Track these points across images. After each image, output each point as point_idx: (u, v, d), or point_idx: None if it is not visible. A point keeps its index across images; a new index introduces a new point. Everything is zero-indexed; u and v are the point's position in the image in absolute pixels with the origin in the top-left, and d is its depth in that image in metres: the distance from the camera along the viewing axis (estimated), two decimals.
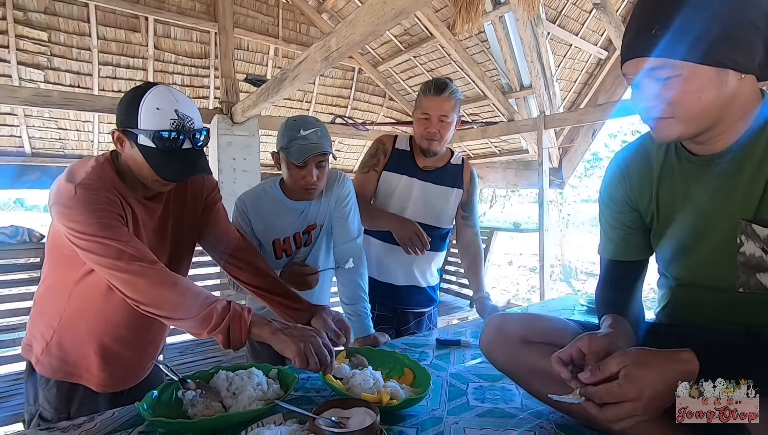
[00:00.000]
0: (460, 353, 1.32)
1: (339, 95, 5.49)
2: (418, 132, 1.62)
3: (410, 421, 0.91)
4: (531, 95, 4.50)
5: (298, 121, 1.34)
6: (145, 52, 3.85)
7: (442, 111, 1.56)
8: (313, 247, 1.50)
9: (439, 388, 1.06)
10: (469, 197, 1.76)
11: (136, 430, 0.88)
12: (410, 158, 1.70)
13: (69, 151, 4.23)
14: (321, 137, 1.32)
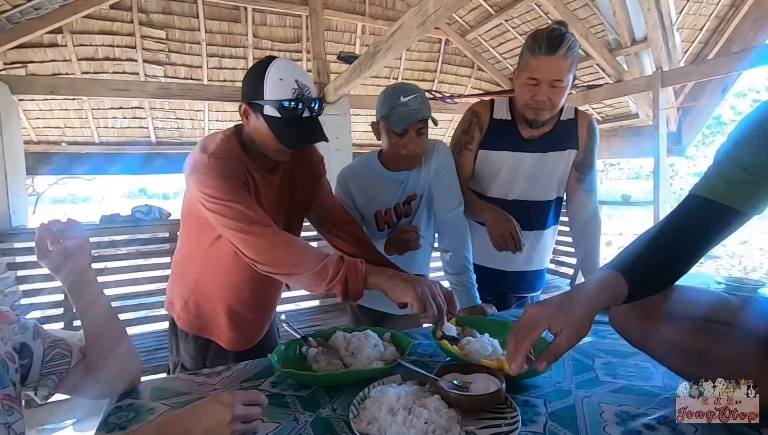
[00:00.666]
0: None
1: (425, 69, 5.38)
2: (523, 99, 1.37)
3: (535, 392, 0.86)
4: (645, 50, 3.97)
5: (398, 88, 1.32)
6: (245, 41, 4.11)
7: (556, 74, 1.29)
8: (413, 219, 1.49)
9: (561, 362, 0.98)
10: (586, 155, 1.50)
11: (268, 381, 0.95)
12: (512, 129, 1.47)
13: (185, 138, 4.73)
14: (421, 103, 1.30)
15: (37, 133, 4.13)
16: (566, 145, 1.47)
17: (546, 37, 1.27)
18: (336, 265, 0.96)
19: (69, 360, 0.87)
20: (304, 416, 0.79)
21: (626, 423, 0.73)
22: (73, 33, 3.49)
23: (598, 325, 1.21)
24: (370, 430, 0.71)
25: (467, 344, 0.98)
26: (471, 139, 1.49)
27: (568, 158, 1.49)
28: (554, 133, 1.47)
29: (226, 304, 1.23)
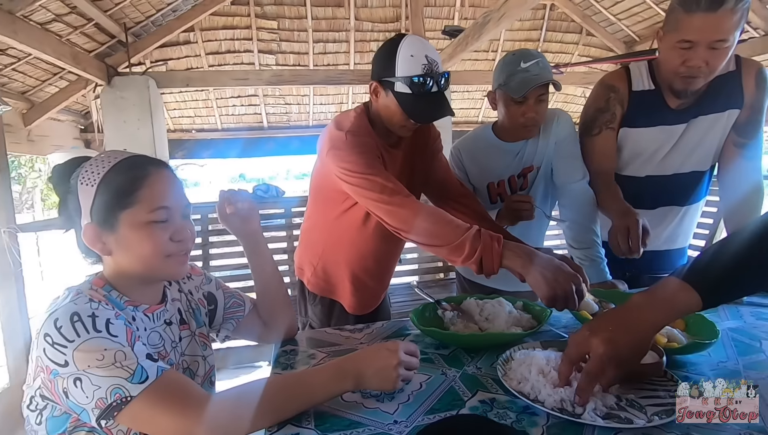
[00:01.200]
0: (732, 310, 1.11)
1: (527, 39, 5.07)
2: (672, 66, 1.14)
3: (695, 369, 0.81)
4: None
5: (517, 54, 1.27)
6: (347, 24, 4.24)
7: (718, 33, 1.04)
8: (529, 192, 1.44)
9: (719, 341, 0.91)
10: (751, 115, 1.23)
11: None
12: (657, 100, 1.25)
13: (292, 122, 5.08)
14: (542, 68, 1.24)
15: (173, 123, 4.75)
16: (726, 104, 1.22)
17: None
18: (473, 242, 0.95)
19: (243, 308, 1.02)
20: (451, 371, 0.84)
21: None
22: (202, 30, 3.92)
23: (759, 308, 1.09)
24: (522, 388, 0.73)
25: None
26: (612, 118, 1.28)
27: (728, 120, 1.24)
28: (710, 91, 1.21)
29: (350, 270, 1.33)
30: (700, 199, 1.39)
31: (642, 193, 1.33)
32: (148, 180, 0.77)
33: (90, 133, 4.57)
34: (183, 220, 0.81)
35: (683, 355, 0.84)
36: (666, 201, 1.35)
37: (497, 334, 0.92)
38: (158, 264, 0.78)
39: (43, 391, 0.71)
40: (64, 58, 2.63)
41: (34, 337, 0.70)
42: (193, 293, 0.97)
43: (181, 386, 0.70)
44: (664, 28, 1.15)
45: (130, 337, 0.71)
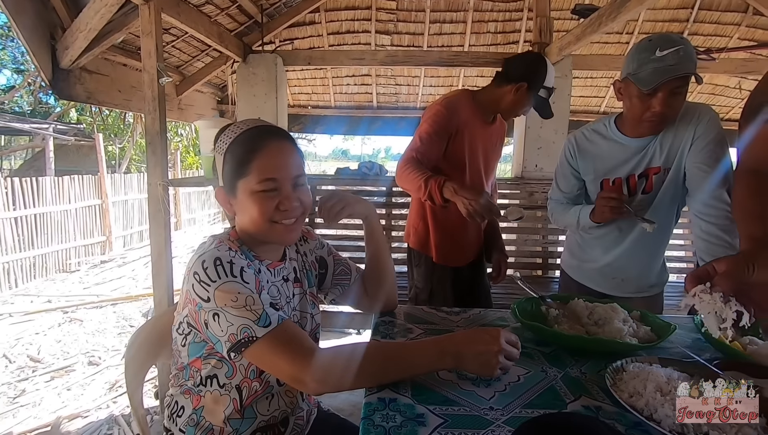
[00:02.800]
0: None
1: (673, 18, 4.40)
2: None
3: None
4: None
5: (654, 40, 1.12)
6: (467, 4, 4.11)
7: None
8: (655, 197, 1.27)
9: None
10: None
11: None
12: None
13: (401, 103, 5.14)
14: (683, 57, 1.08)
15: (293, 99, 5.12)
16: None
17: None
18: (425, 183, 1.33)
19: (350, 277, 1.09)
20: (552, 371, 0.81)
21: None
22: (326, 11, 4.11)
23: None
24: (635, 402, 0.68)
25: (750, 344, 0.83)
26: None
27: None
28: None
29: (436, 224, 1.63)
30: None
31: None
32: (262, 152, 0.84)
33: (225, 104, 5.14)
34: (294, 190, 0.86)
35: None
36: None
37: (609, 340, 0.86)
38: (265, 229, 0.86)
39: (189, 319, 0.84)
40: (212, 36, 2.98)
41: (185, 273, 0.83)
42: (308, 255, 1.06)
43: (297, 336, 0.78)
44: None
45: (258, 285, 0.81)
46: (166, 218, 2.21)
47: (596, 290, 1.45)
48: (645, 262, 1.37)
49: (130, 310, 4.29)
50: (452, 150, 1.51)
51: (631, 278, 1.38)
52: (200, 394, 0.87)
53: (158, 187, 2.18)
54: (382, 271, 1.08)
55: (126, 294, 4.74)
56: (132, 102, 3.24)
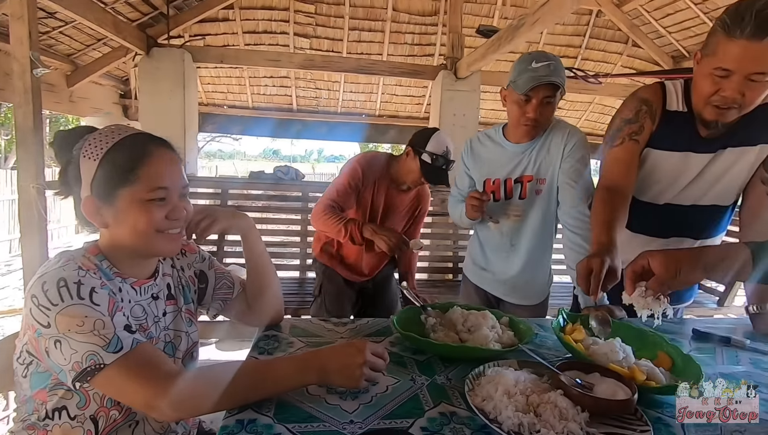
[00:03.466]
0: (731, 354, 1.06)
1: (569, 44, 4.90)
2: (704, 93, 1.05)
3: (670, 411, 0.77)
4: None
5: (532, 54, 1.30)
6: (384, 14, 4.21)
7: (759, 65, 0.95)
8: (530, 205, 1.42)
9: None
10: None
11: (387, 340, 1.02)
12: (688, 124, 1.15)
13: (321, 107, 5.12)
14: (553, 71, 1.26)
15: (207, 97, 4.86)
16: (759, 138, 1.14)
17: (756, 13, 0.91)
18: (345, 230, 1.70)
19: (232, 291, 1.05)
20: (421, 379, 0.84)
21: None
22: (241, 8, 3.97)
23: (760, 355, 1.04)
24: (485, 406, 0.72)
25: (593, 344, 0.93)
26: (639, 130, 1.17)
27: (760, 155, 1.15)
28: (743, 123, 1.11)
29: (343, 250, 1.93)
30: (717, 235, 1.31)
31: (658, 221, 1.28)
32: (152, 159, 0.79)
33: (128, 99, 4.73)
34: (180, 200, 0.84)
35: (662, 395, 0.81)
36: (680, 232, 1.28)
37: (468, 347, 0.92)
38: (151, 240, 0.81)
39: (29, 347, 0.75)
40: (105, 25, 2.72)
41: (24, 295, 0.74)
42: (185, 270, 0.99)
43: (154, 359, 0.73)
44: (702, 50, 1.04)
45: (112, 307, 0.74)
46: (41, 225, 1.96)
47: (492, 294, 1.58)
48: (533, 271, 1.50)
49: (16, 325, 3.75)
50: (363, 203, 1.80)
51: (519, 286, 1.51)
52: (47, 429, 0.77)
53: (32, 189, 1.94)
54: (264, 286, 1.05)
55: (9, 307, 4.14)
56: (5, 91, 2.85)
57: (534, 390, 0.75)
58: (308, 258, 3.25)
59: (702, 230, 1.28)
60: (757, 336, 1.18)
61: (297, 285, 3.14)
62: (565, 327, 1.03)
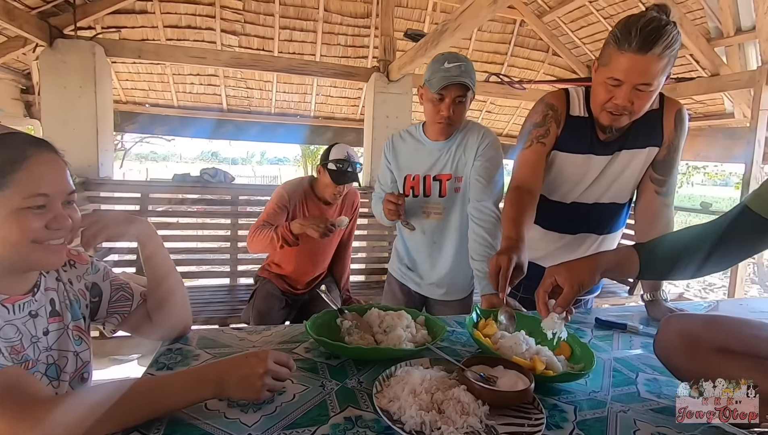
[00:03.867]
0: (625, 339, 1.15)
1: (496, 51, 5.15)
2: (599, 100, 1.13)
3: (566, 397, 0.82)
4: (751, 41, 3.52)
5: (445, 55, 1.35)
6: (316, 14, 4.16)
7: (645, 76, 1.03)
8: (451, 203, 1.47)
9: (600, 371, 0.94)
10: (669, 153, 1.25)
11: (302, 346, 0.99)
12: (589, 128, 1.24)
13: (254, 107, 4.94)
14: (464, 72, 1.32)
15: (125, 94, 4.51)
16: (647, 141, 1.24)
17: (640, 29, 0.99)
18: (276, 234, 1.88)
19: (131, 303, 0.96)
20: (331, 384, 0.82)
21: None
22: (161, 1, 3.73)
23: (645, 337, 1.14)
24: (390, 407, 0.72)
25: (501, 338, 0.96)
26: (546, 133, 1.25)
27: (648, 157, 1.26)
28: (634, 128, 1.22)
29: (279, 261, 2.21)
30: (617, 230, 1.42)
31: (566, 219, 1.36)
32: (29, 163, 0.71)
33: (31, 95, 4.26)
34: (65, 208, 0.76)
35: (560, 383, 0.85)
36: (586, 228, 1.37)
37: (379, 348, 0.91)
38: (27, 252, 0.72)
39: None
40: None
41: None
42: (74, 283, 0.90)
43: (19, 386, 0.65)
44: (599, 60, 1.13)
45: None
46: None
47: (417, 292, 1.61)
48: (457, 267, 1.53)
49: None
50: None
51: (445, 282, 1.55)
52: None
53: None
54: (167, 296, 0.97)
55: None
56: None
57: (439, 387, 0.76)
58: (239, 264, 3.13)
59: (605, 226, 1.38)
60: (651, 321, 1.29)
61: (226, 292, 3.00)
62: (479, 322, 1.06)
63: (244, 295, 2.81)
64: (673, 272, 0.89)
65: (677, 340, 0.81)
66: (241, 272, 3.15)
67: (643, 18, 1.01)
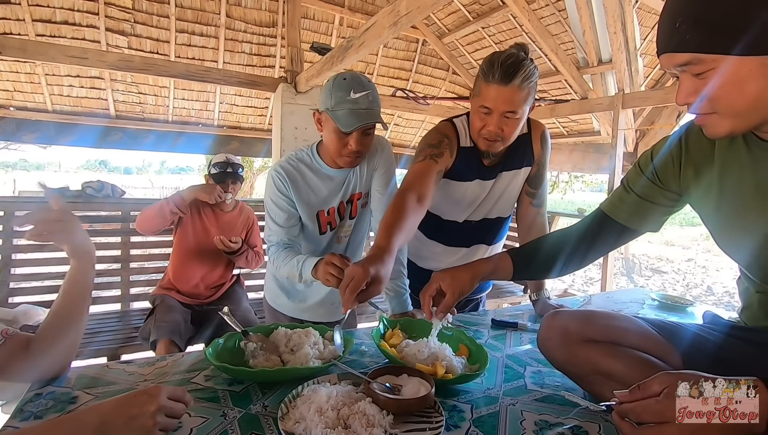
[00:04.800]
0: (516, 336, 1.27)
1: (401, 67, 5.39)
2: (475, 126, 1.25)
3: (464, 397, 0.89)
4: (610, 71, 4.15)
5: (348, 80, 1.21)
6: (217, 20, 3.97)
7: (509, 105, 1.16)
8: (360, 220, 1.45)
9: (494, 368, 1.03)
10: (539, 170, 1.43)
11: (203, 374, 0.93)
12: (475, 157, 1.35)
13: (147, 114, 4.53)
14: (372, 102, 1.22)
15: None
16: (523, 162, 1.40)
17: (501, 63, 1.12)
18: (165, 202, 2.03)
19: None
20: (233, 412, 0.79)
21: (543, 431, 0.77)
22: None
23: (532, 333, 1.27)
24: (296, 429, 0.71)
25: (405, 347, 1.00)
26: (439, 154, 1.30)
27: (524, 175, 1.43)
28: (511, 150, 1.36)
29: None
30: (501, 240, 1.59)
31: (460, 234, 1.49)
32: None
33: None
34: None
35: (459, 385, 0.91)
36: (478, 241, 1.52)
37: (284, 369, 0.90)
38: None
39: None
40: None
41: None
42: None
43: None
44: (472, 91, 1.24)
45: None
46: None
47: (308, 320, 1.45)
48: None
49: None
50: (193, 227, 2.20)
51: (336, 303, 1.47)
52: None
53: None
54: (67, 331, 0.85)
55: None
56: None
57: (346, 402, 0.77)
58: (132, 286, 2.82)
59: (493, 237, 1.54)
60: (538, 318, 1.44)
61: (117, 320, 2.68)
62: (386, 333, 1.09)
63: (139, 321, 2.55)
64: (542, 272, 1.04)
65: (555, 336, 0.91)
66: (134, 296, 2.85)
67: (504, 54, 1.15)
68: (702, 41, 0.61)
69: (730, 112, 0.64)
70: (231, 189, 2.20)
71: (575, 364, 0.88)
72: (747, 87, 0.61)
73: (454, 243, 1.51)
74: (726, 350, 0.81)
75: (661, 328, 0.88)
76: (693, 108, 0.68)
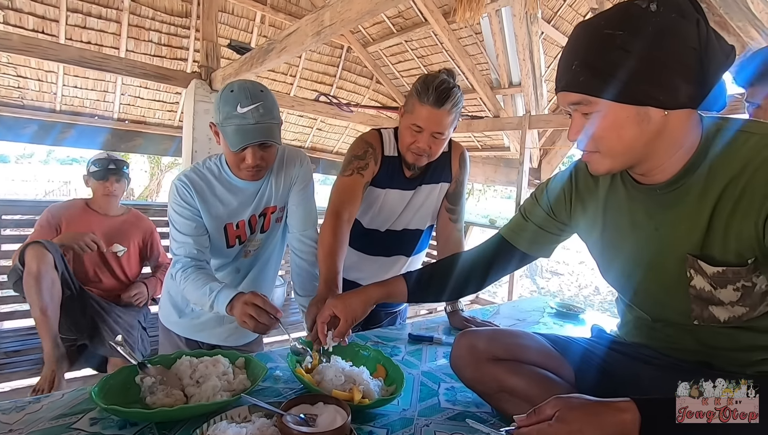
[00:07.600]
0: (432, 350, 1.31)
1: (325, 72, 5.34)
2: (405, 142, 1.32)
3: (381, 421, 0.88)
4: (519, 93, 4.51)
5: (236, 92, 1.10)
6: (120, 3, 3.58)
7: (439, 127, 1.25)
8: (271, 234, 1.39)
9: (410, 387, 1.04)
10: (457, 187, 1.51)
11: (87, 417, 0.82)
12: (398, 167, 1.42)
13: (28, 101, 3.94)
14: (264, 115, 1.09)
15: None
16: (441, 178, 1.48)
17: (435, 88, 1.21)
18: None
19: None
20: None
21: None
22: None
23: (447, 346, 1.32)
24: None
25: (321, 371, 0.97)
26: (365, 166, 1.35)
27: (441, 190, 1.50)
28: (431, 166, 1.44)
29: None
30: (422, 251, 1.63)
31: (382, 244, 1.52)
32: None
33: None
34: None
35: (374, 409, 0.91)
36: (398, 251, 1.56)
37: (187, 407, 0.82)
38: None
39: None
40: None
41: None
42: None
43: None
44: (404, 107, 1.32)
45: None
46: None
47: (206, 343, 1.42)
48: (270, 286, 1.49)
49: None
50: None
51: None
52: None
53: None
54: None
55: None
56: None
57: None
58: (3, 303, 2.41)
59: (412, 248, 1.58)
60: (453, 330, 1.50)
61: None
62: None
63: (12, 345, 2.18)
64: (438, 295, 1.07)
65: (466, 355, 0.95)
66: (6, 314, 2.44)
67: (437, 78, 1.24)
68: (590, 84, 0.67)
69: (609, 153, 0.71)
70: (115, 188, 2.08)
71: (482, 382, 0.93)
72: (624, 132, 0.68)
73: (375, 252, 1.53)
74: (610, 364, 0.91)
75: (556, 343, 0.97)
76: (580, 145, 0.75)
